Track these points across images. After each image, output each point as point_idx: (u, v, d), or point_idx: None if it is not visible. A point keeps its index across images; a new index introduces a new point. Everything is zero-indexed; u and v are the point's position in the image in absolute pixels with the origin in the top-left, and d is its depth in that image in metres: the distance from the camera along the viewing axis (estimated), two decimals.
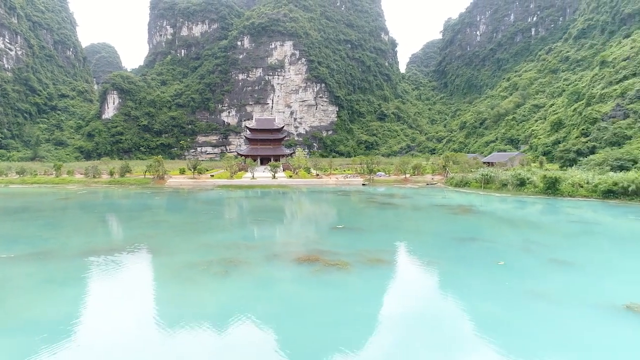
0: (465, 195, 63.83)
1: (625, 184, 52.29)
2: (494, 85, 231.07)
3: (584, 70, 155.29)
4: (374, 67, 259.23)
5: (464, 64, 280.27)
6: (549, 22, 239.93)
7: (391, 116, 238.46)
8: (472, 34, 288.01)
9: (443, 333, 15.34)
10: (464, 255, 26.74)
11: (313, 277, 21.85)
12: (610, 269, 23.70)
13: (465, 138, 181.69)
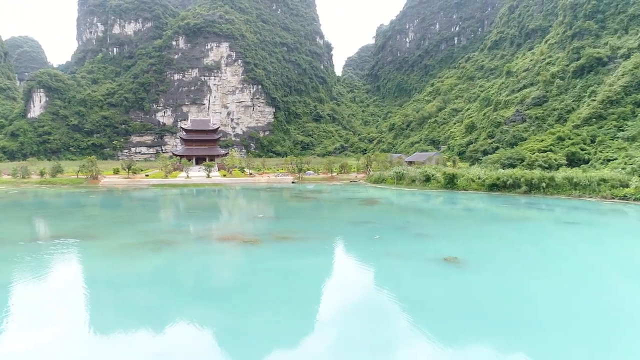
0: (380, 190, 72.29)
1: (505, 179, 62.90)
2: (422, 89, 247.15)
3: (495, 79, 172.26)
4: (309, 70, 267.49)
5: (394, 69, 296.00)
6: (470, 33, 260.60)
7: (326, 117, 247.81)
8: (402, 40, 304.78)
9: (320, 279, 22.17)
10: (352, 232, 34.11)
11: (229, 249, 28.06)
12: (453, 239, 31.95)
13: (394, 139, 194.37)
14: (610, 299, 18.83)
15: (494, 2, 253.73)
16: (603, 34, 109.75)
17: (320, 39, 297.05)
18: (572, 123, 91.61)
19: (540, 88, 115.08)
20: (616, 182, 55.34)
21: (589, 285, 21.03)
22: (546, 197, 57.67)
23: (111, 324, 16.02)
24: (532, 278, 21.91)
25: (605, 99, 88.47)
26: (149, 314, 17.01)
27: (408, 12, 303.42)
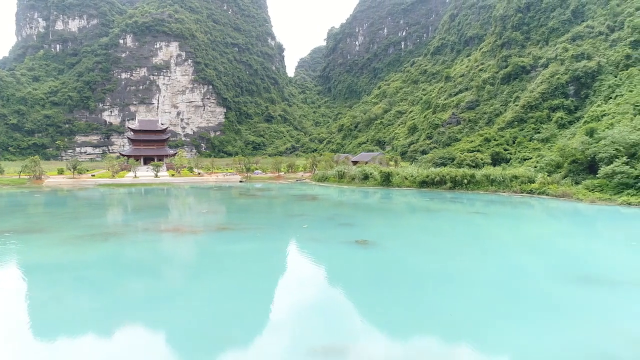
0: (323, 188, 77.04)
1: (433, 176, 69.41)
2: (370, 91, 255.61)
3: (437, 83, 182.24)
4: (261, 71, 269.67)
5: (345, 71, 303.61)
6: (416, 38, 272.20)
7: (278, 118, 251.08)
8: (352, 43, 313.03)
9: (250, 258, 26.22)
10: (286, 223, 38.40)
11: (171, 239, 31.53)
12: (371, 226, 36.97)
13: (343, 139, 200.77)
14: (479, 266, 24.16)
15: (437, 9, 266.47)
16: (527, 45, 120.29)
17: (272, 40, 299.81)
18: (498, 126, 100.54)
19: (474, 93, 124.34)
20: (525, 178, 62.92)
21: (467, 258, 26.34)
22: (467, 193, 64.49)
23: (58, 305, 19.36)
24: (422, 254, 27.07)
25: (526, 104, 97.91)
26: (97, 293, 20.43)
27: (358, 16, 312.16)
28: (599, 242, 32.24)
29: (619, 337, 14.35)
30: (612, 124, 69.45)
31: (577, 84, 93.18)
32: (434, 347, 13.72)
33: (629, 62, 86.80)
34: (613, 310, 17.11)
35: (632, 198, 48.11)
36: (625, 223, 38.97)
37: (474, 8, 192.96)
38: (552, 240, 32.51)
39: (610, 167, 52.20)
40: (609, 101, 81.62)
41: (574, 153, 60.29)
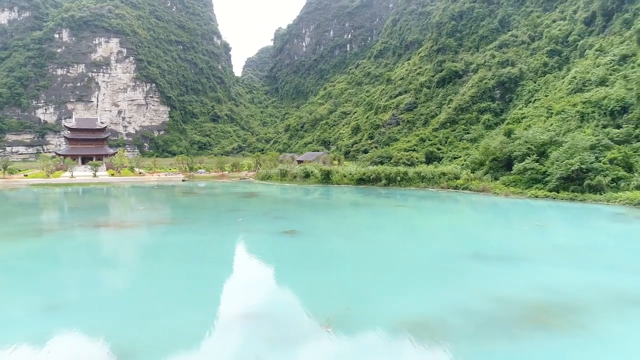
0: (265, 186, 78.89)
1: (370, 174, 73.24)
2: (317, 92, 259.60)
3: (379, 85, 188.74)
4: (206, 70, 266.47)
5: (292, 72, 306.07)
6: (360, 41, 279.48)
7: (224, 118, 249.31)
8: (299, 44, 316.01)
9: (183, 248, 27.84)
10: (222, 217, 40.15)
11: (107, 233, 32.48)
12: (301, 219, 39.57)
13: (289, 139, 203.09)
14: (391, 249, 27.24)
15: (381, 13, 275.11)
16: (460, 51, 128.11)
17: (218, 38, 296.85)
18: (432, 127, 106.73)
19: (412, 95, 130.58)
20: (452, 175, 68.04)
21: (382, 243, 29.40)
22: (400, 189, 68.70)
23: None
24: (343, 240, 29.93)
25: (458, 106, 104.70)
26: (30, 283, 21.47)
27: (304, 17, 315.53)
28: (500, 228, 36.63)
29: (482, 297, 17.58)
30: (529, 125, 76.36)
31: (502, 89, 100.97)
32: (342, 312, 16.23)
33: (546, 69, 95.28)
34: (487, 279, 20.53)
35: (539, 191, 53.78)
36: (528, 212, 43.95)
37: (414, 14, 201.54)
38: (460, 227, 36.51)
39: (522, 164, 57.92)
40: (529, 105, 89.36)
41: (494, 152, 65.96)
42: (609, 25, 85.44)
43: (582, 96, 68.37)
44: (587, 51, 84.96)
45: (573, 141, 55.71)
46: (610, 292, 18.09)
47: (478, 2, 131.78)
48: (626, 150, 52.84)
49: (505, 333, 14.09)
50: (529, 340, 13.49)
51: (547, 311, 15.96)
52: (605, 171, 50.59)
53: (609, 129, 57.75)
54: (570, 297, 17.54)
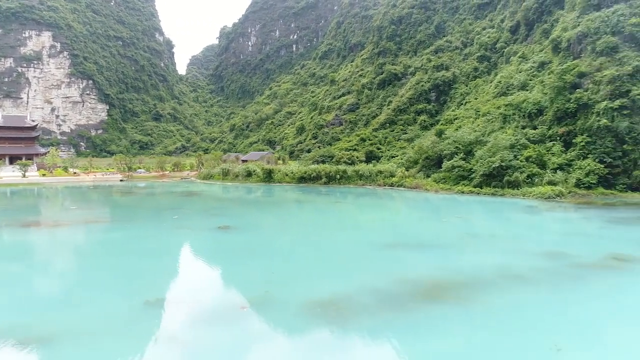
0: (207, 185, 78.58)
1: (310, 172, 75.00)
2: (263, 92, 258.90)
3: (324, 86, 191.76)
4: (148, 67, 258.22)
5: (238, 71, 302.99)
6: (306, 42, 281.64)
7: (167, 117, 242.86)
8: (244, 43, 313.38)
9: (117, 244, 27.95)
10: (158, 216, 40.25)
11: (33, 231, 31.82)
12: (237, 216, 40.50)
13: (234, 139, 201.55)
14: (319, 240, 28.86)
15: (326, 15, 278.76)
16: (400, 54, 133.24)
17: (160, 35, 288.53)
18: (373, 127, 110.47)
19: (354, 96, 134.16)
20: (388, 173, 71.27)
21: (313, 235, 30.98)
22: (340, 187, 71.02)
23: None
24: (275, 234, 31.25)
25: (396, 107, 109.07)
26: None
27: (250, 16, 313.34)
28: (423, 220, 39.42)
29: (391, 279, 19.50)
30: (460, 126, 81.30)
31: (437, 91, 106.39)
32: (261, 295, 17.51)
33: (476, 73, 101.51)
34: (400, 263, 22.61)
35: (465, 187, 57.81)
36: (452, 206, 47.32)
37: (357, 17, 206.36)
38: (388, 220, 38.95)
39: (450, 162, 61.92)
40: (460, 107, 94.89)
41: (426, 151, 69.82)
42: (531, 34, 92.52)
43: (505, 99, 73.77)
44: (512, 58, 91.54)
45: (495, 141, 60.28)
46: (500, 271, 20.66)
47: (416, 8, 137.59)
48: (540, 149, 57.99)
49: (404, 306, 16.00)
50: (423, 312, 15.47)
51: (444, 288, 18.12)
52: (522, 168, 55.31)
53: (526, 129, 62.92)
54: (466, 276, 19.87)
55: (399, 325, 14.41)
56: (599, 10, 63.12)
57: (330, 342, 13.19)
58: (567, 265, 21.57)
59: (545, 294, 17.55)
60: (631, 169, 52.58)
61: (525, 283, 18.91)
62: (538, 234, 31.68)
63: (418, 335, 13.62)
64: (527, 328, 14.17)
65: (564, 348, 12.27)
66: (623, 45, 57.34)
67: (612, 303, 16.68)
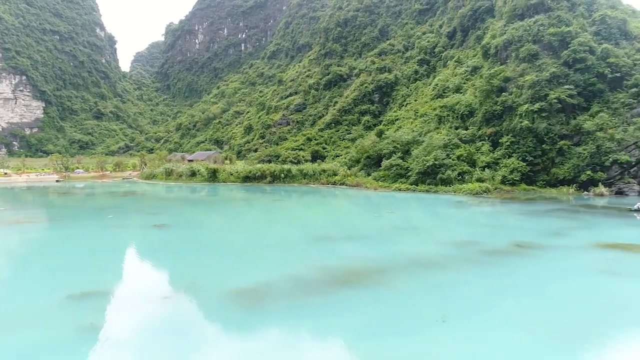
0: (149, 185, 77.14)
1: (255, 172, 75.54)
2: (210, 91, 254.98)
3: (272, 86, 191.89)
4: (88, 63, 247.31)
5: (185, 69, 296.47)
6: (255, 41, 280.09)
7: (109, 115, 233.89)
8: (191, 41, 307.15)
9: (49, 243, 27.49)
10: (93, 215, 39.63)
11: None
12: (174, 214, 40.67)
13: (181, 138, 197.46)
14: (254, 235, 29.78)
15: (275, 15, 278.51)
16: (345, 56, 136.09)
17: (101, 30, 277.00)
18: (319, 127, 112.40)
19: (301, 97, 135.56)
20: (331, 171, 73.12)
21: (248, 231, 31.86)
22: (285, 186, 72.06)
23: None
24: (212, 231, 31.87)
25: (341, 108, 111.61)
26: None
27: (197, 13, 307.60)
28: (356, 216, 41.33)
29: (312, 267, 20.82)
30: (400, 126, 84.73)
31: (381, 93, 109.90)
32: (186, 286, 18.26)
33: (416, 76, 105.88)
34: (324, 254, 24.02)
35: (402, 185, 60.57)
36: (387, 203, 49.63)
37: (305, 18, 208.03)
38: (324, 216, 40.50)
39: (389, 161, 64.61)
40: (402, 108, 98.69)
41: (367, 150, 72.35)
42: (466, 40, 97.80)
43: (441, 102, 77.79)
44: (449, 62, 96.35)
45: (430, 141, 63.63)
46: (414, 258, 22.57)
47: (361, 11, 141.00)
48: (470, 148, 61.86)
49: (319, 291, 17.35)
50: (336, 294, 16.87)
51: (359, 274, 19.67)
52: (454, 166, 58.82)
53: (459, 130, 66.84)
54: (382, 263, 21.58)
55: (310, 306, 15.73)
56: (522, 19, 68.09)
57: (244, 323, 14.27)
58: (474, 252, 23.86)
59: (448, 276, 19.53)
60: (549, 166, 57.28)
61: (433, 268, 20.87)
62: (457, 226, 34.29)
63: (327, 313, 14.99)
64: (423, 304, 15.95)
65: (449, 319, 14.04)
66: (542, 52, 62.32)
67: (501, 282, 18.88)
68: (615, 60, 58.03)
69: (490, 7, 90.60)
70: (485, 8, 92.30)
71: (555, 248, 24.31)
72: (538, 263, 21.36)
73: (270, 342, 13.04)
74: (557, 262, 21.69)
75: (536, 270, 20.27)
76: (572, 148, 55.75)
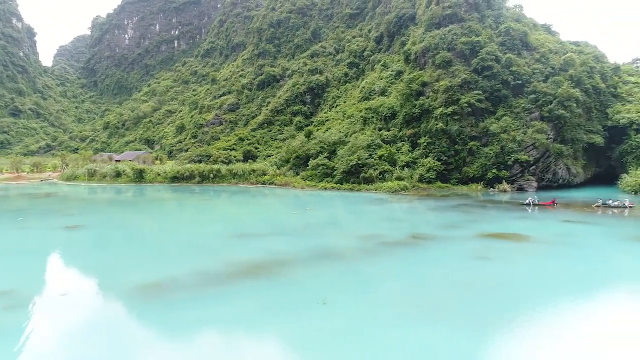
0: (70, 187, 73.73)
1: (183, 172, 74.75)
2: (141, 89, 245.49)
3: (206, 85, 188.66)
4: (4, 57, 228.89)
5: (113, 65, 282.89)
6: (189, 38, 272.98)
7: (28, 112, 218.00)
8: (120, 36, 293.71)
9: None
10: (1, 217, 37.97)
11: None
12: (89, 215, 39.97)
13: (108, 138, 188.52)
14: (173, 233, 30.26)
15: (209, 12, 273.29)
16: (279, 57, 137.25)
17: (18, 21, 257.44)
18: (251, 127, 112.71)
19: (235, 96, 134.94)
20: (260, 171, 74.10)
21: (164, 231, 32.24)
22: (214, 186, 71.99)
23: None
24: (127, 231, 31.92)
25: (274, 108, 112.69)
26: None
27: (127, 7, 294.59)
28: (277, 214, 42.84)
29: (220, 262, 22.00)
30: (329, 127, 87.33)
31: (312, 94, 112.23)
32: (100, 282, 18.71)
33: (346, 79, 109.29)
34: (234, 249, 25.23)
35: (328, 184, 62.89)
36: (311, 201, 51.54)
37: (240, 17, 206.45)
38: (246, 214, 41.61)
39: (316, 161, 66.75)
40: (332, 109, 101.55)
41: (296, 150, 74.09)
42: (392, 45, 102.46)
43: (367, 104, 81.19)
44: (376, 65, 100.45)
45: (354, 141, 66.53)
46: (317, 251, 24.42)
47: (294, 13, 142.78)
48: (391, 148, 65.46)
49: (220, 282, 18.60)
50: (236, 285, 18.23)
51: (262, 267, 21.11)
52: (376, 166, 61.99)
53: (382, 131, 70.36)
54: (288, 256, 23.19)
55: (209, 295, 16.96)
56: (439, 28, 72.90)
57: (141, 313, 15.21)
58: (375, 244, 26.14)
59: (342, 265, 21.53)
60: (461, 165, 62.04)
61: (333, 259, 22.80)
62: (369, 221, 36.80)
63: (224, 301, 16.30)
64: (309, 290, 17.71)
65: (329, 301, 15.84)
66: (455, 60, 67.24)
67: (388, 268, 21.13)
68: (517, 68, 63.98)
69: (413, 14, 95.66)
70: (409, 15, 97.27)
71: (445, 239, 27.20)
72: (426, 252, 23.97)
73: (165, 328, 14.11)
74: (442, 250, 24.44)
75: (422, 257, 22.82)
76: (481, 148, 60.82)
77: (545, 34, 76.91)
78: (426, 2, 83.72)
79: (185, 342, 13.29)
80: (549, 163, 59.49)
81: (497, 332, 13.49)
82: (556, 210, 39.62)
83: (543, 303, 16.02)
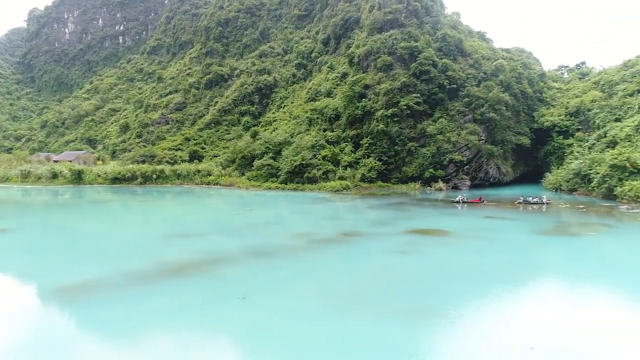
0: (2, 189, 70.10)
1: (125, 173, 73.08)
2: (83, 86, 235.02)
3: (152, 83, 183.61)
4: None
5: (52, 60, 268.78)
6: (135, 35, 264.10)
7: None
8: (60, 30, 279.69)
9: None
10: None
11: None
12: (19, 218, 38.65)
13: (46, 137, 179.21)
14: (101, 238, 29.98)
15: (156, 8, 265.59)
16: (227, 56, 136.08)
17: None
18: (198, 127, 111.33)
19: (182, 95, 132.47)
20: (205, 172, 73.75)
21: (98, 233, 31.86)
22: (158, 187, 70.98)
23: None
24: (58, 234, 31.29)
25: (221, 108, 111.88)
26: None
27: (67, 0, 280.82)
28: (217, 214, 43.27)
29: (151, 262, 22.23)
30: (276, 128, 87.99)
31: (260, 94, 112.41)
32: (23, 284, 18.49)
33: (294, 79, 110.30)
34: (168, 249, 25.48)
35: (272, 184, 63.70)
36: (253, 201, 52.14)
37: (188, 14, 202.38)
38: (185, 215, 41.66)
39: (261, 161, 67.34)
40: (280, 110, 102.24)
41: (242, 150, 74.29)
42: (338, 47, 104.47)
43: (313, 105, 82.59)
44: (323, 67, 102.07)
45: (299, 141, 67.72)
46: (250, 249, 25.21)
47: (242, 12, 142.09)
48: (335, 149, 67.19)
49: (147, 281, 18.95)
50: (163, 283, 18.64)
51: (192, 266, 21.63)
52: (319, 166, 63.45)
53: (326, 132, 71.96)
54: (218, 255, 23.81)
55: (135, 294, 17.35)
56: (380, 33, 75.47)
57: (64, 313, 15.45)
58: (306, 242, 27.28)
59: (270, 263, 22.44)
60: (401, 165, 64.74)
61: (264, 257, 23.68)
62: (306, 219, 37.99)
63: (148, 298, 16.75)
64: (232, 286, 18.49)
65: (249, 296, 16.74)
66: (396, 64, 69.95)
67: (312, 264, 22.31)
68: (452, 73, 67.53)
69: (357, 18, 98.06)
70: (354, 19, 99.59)
71: (372, 235, 28.81)
72: (351, 248, 25.39)
73: (85, 326, 14.48)
74: (367, 246, 25.97)
75: (347, 253, 24.19)
76: (419, 149, 63.74)
77: (479, 41, 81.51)
78: (369, 6, 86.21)
79: (101, 339, 13.71)
80: (481, 163, 63.31)
81: (408, 319, 14.86)
82: (483, 207, 42.47)
83: (450, 292, 17.72)
